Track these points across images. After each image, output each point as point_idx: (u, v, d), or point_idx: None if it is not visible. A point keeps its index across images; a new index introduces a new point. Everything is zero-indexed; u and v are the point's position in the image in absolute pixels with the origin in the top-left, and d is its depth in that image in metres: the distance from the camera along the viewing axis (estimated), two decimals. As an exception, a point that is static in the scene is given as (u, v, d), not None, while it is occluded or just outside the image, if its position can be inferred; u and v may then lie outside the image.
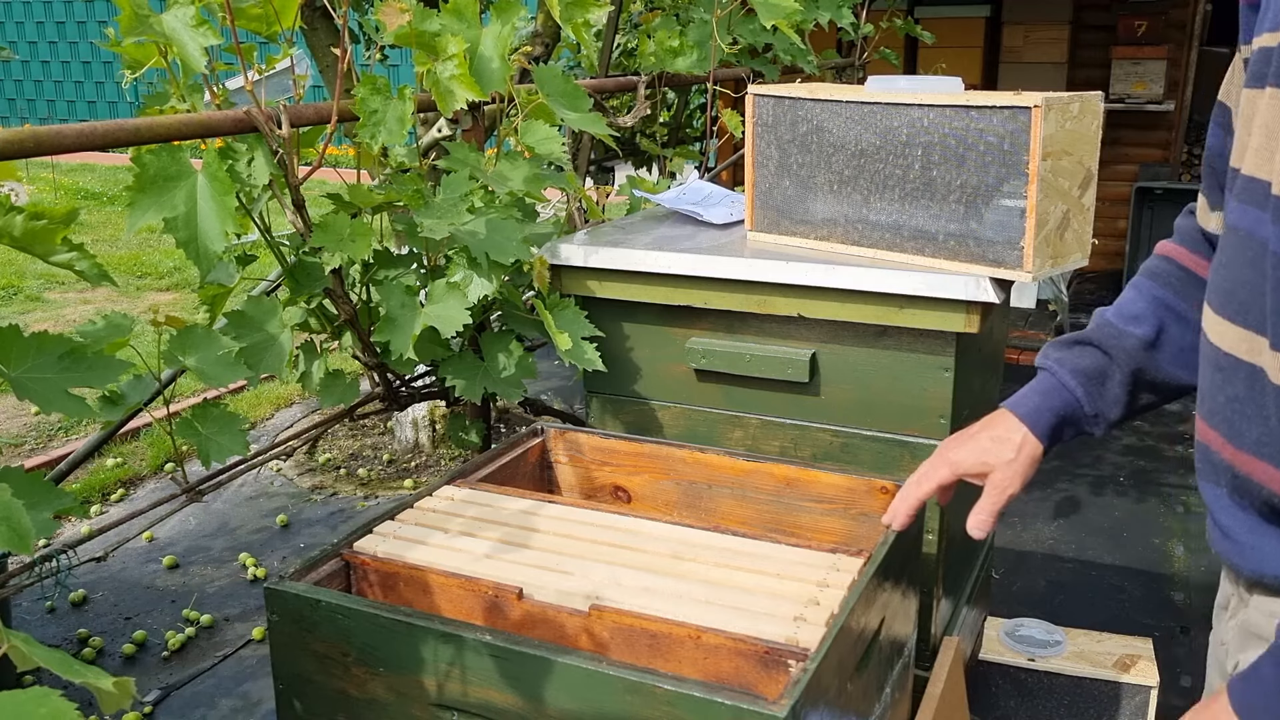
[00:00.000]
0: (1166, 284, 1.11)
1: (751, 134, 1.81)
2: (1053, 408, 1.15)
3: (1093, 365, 1.13)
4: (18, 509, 0.79)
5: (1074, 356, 1.15)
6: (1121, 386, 1.12)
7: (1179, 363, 1.11)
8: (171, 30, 1.48)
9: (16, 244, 1.21)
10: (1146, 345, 1.11)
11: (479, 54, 1.66)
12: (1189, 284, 1.10)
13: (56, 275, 5.82)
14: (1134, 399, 1.13)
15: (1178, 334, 1.11)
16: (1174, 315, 1.11)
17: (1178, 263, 1.12)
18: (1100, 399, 1.13)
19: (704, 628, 1.09)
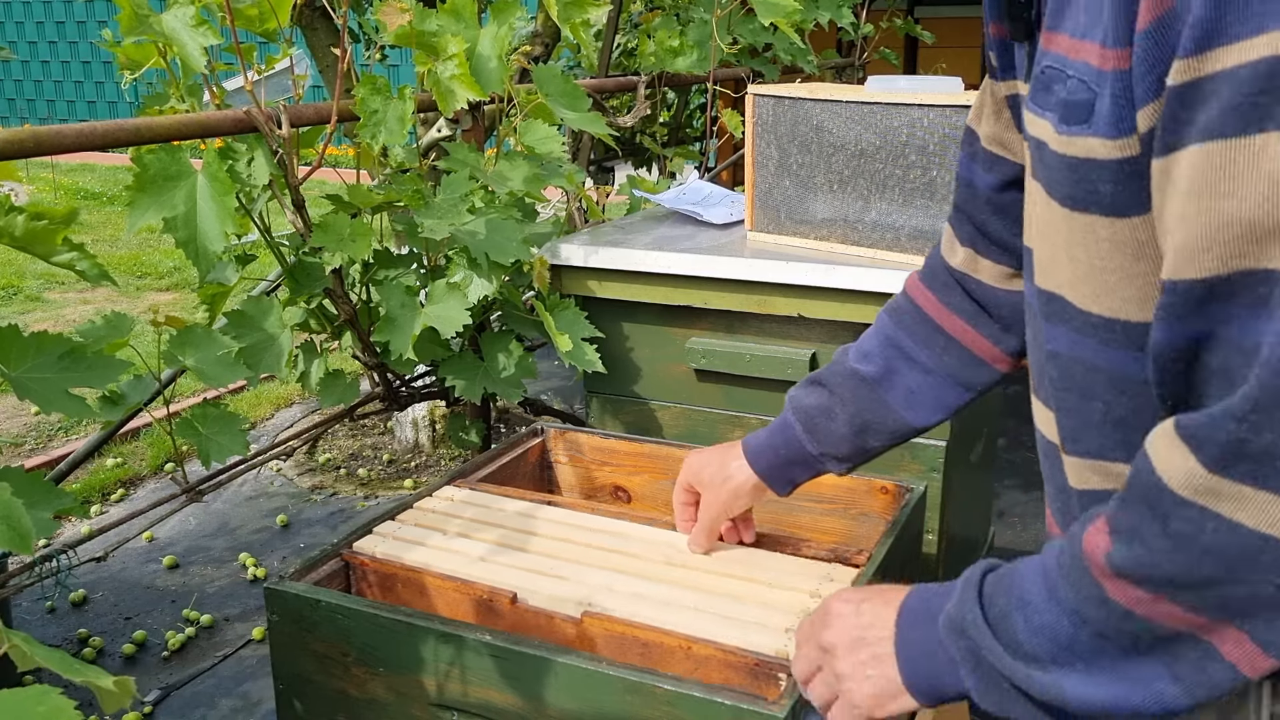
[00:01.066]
0: (900, 324, 1.10)
1: (751, 134, 1.81)
2: (774, 445, 1.17)
3: (817, 404, 1.13)
4: (18, 509, 0.79)
5: (804, 395, 1.15)
6: (846, 426, 1.12)
7: (906, 404, 1.10)
8: (171, 30, 1.48)
9: (17, 244, 1.21)
10: (872, 385, 1.10)
11: (478, 54, 1.66)
12: (924, 326, 1.08)
13: (56, 275, 5.82)
14: (860, 439, 1.12)
15: (906, 376, 1.09)
16: (903, 357, 1.09)
17: (915, 303, 1.10)
18: (824, 439, 1.13)
19: (694, 638, 1.08)
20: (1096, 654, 0.70)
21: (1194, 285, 0.63)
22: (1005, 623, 0.75)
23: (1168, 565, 0.65)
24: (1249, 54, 0.58)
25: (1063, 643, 0.71)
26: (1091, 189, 0.72)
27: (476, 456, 1.63)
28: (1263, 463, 0.60)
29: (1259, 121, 0.58)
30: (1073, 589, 0.71)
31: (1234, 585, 0.63)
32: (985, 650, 0.75)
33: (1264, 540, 0.61)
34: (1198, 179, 0.62)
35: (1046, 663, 0.72)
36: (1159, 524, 0.65)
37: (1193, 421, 0.64)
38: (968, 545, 1.92)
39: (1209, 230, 0.62)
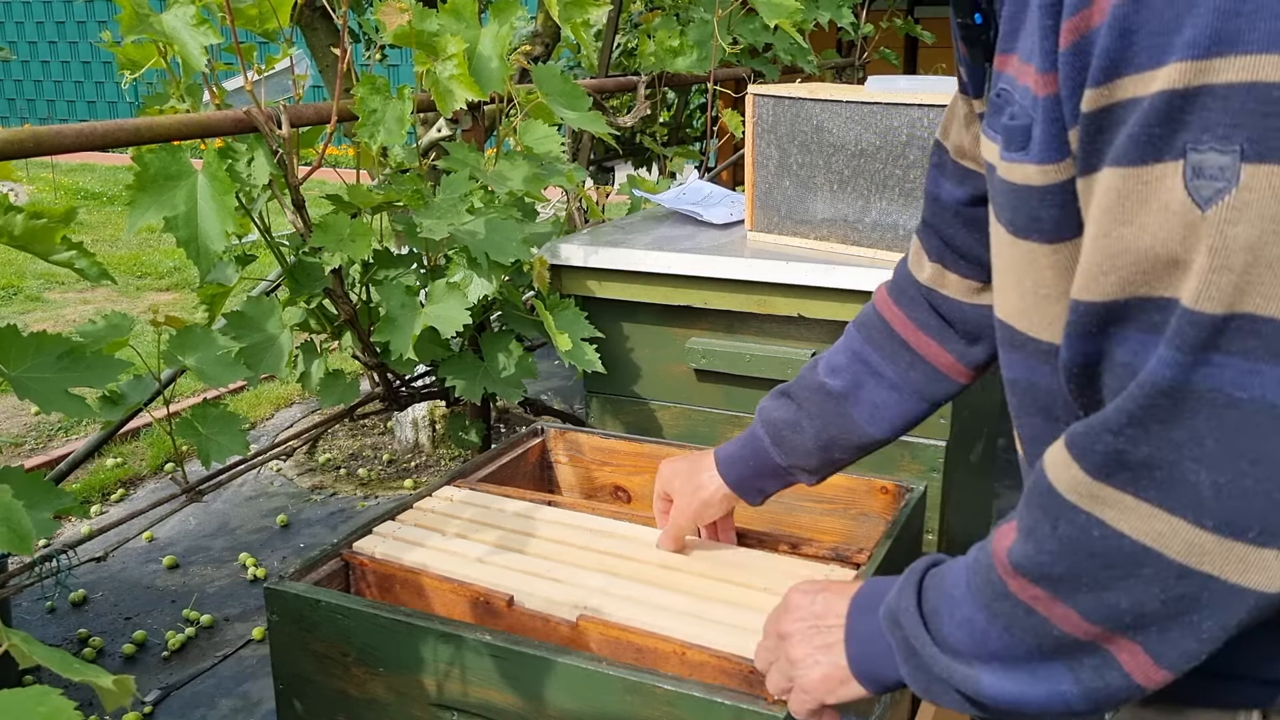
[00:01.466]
0: (868, 339, 1.10)
1: (751, 134, 1.81)
2: (744, 457, 1.18)
3: (785, 417, 1.14)
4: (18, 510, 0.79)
5: (772, 407, 1.16)
6: (813, 440, 1.13)
7: (870, 420, 1.11)
8: (172, 29, 1.48)
9: (16, 243, 1.21)
10: (838, 400, 1.11)
11: (478, 54, 1.66)
12: (891, 342, 1.09)
13: (56, 275, 5.82)
14: (827, 453, 1.13)
15: (872, 391, 1.10)
16: (870, 372, 1.10)
17: (883, 318, 1.10)
18: (792, 452, 1.14)
19: (689, 644, 1.08)
20: (1007, 650, 0.71)
21: (1094, 306, 0.65)
22: (935, 616, 0.77)
23: (1057, 566, 0.67)
24: (1150, 85, 0.59)
25: (978, 637, 0.73)
26: (1033, 216, 0.72)
27: (476, 456, 1.63)
28: (1141, 474, 0.62)
29: (1156, 152, 0.59)
30: (985, 584, 0.73)
31: (1119, 594, 0.64)
32: (914, 640, 0.77)
33: (1144, 551, 0.62)
34: (1103, 204, 0.63)
35: (967, 656, 0.74)
36: (1050, 525, 0.67)
37: (1075, 432, 0.66)
38: (968, 545, 1.92)
39: (1109, 255, 0.63)
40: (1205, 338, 0.58)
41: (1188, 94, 0.57)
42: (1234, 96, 0.56)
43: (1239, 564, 0.61)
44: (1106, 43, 0.61)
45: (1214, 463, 0.59)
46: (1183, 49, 0.57)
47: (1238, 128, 0.56)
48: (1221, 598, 0.61)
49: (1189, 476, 0.60)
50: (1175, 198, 0.59)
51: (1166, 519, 0.61)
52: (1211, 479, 0.60)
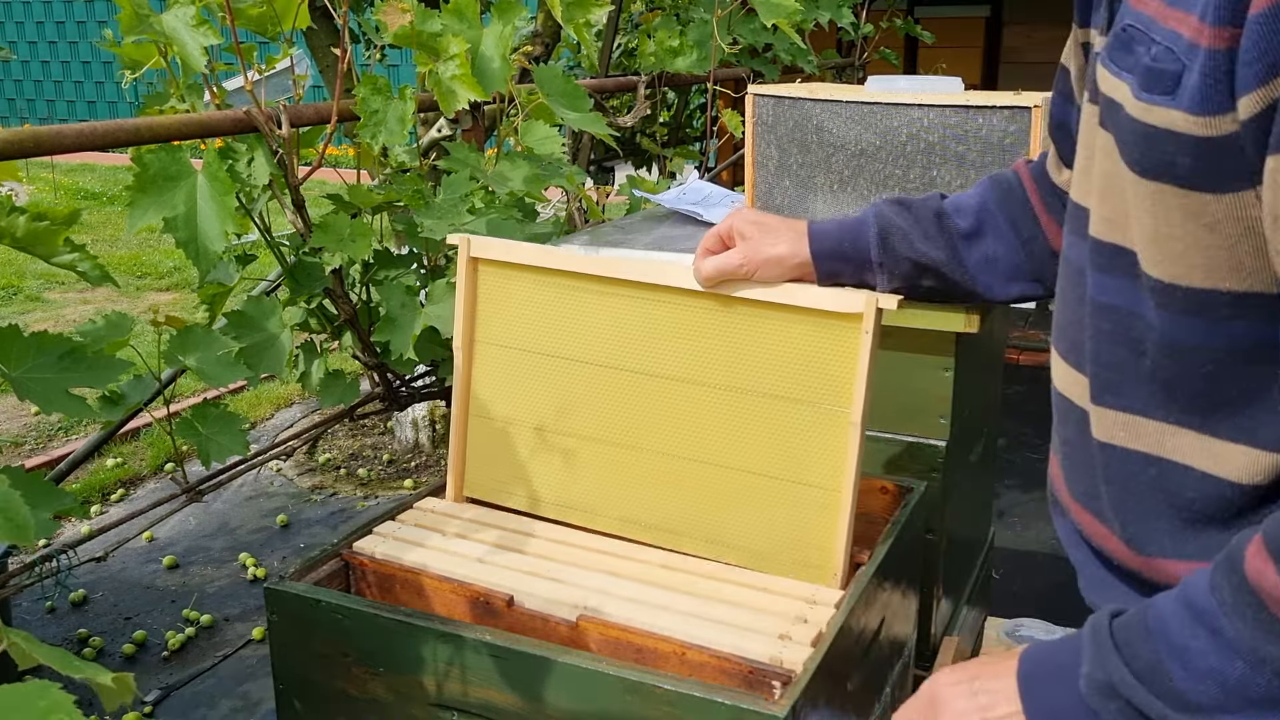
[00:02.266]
0: (1003, 197, 1.11)
1: (751, 134, 1.81)
2: (840, 235, 1.15)
3: (900, 224, 1.13)
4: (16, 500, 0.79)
5: (891, 211, 1.15)
6: (915, 255, 1.13)
7: (980, 267, 1.12)
8: (172, 30, 1.48)
9: (18, 245, 1.21)
10: (957, 237, 1.12)
11: (480, 54, 1.66)
12: (1023, 209, 1.10)
13: (56, 275, 5.82)
14: (920, 274, 1.14)
15: (991, 243, 1.11)
16: (994, 225, 1.11)
17: (1022, 186, 1.11)
18: (890, 254, 1.13)
19: (689, 644, 1.08)
20: (1270, 695, 0.65)
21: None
22: (1157, 673, 0.70)
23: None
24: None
25: (1232, 687, 0.66)
26: (1168, 159, 0.70)
27: (476, 456, 1.63)
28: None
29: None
30: (1244, 624, 0.66)
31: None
32: (1143, 707, 0.70)
33: None
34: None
35: (1214, 710, 0.67)
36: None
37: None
38: (968, 545, 1.92)
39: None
40: None
41: None
42: None
43: None
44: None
45: None
46: None
47: None
48: None
49: None
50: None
51: None
52: None
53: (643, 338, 1.24)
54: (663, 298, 1.22)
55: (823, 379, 1.16)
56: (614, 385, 1.26)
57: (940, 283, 1.13)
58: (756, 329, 1.18)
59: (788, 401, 1.18)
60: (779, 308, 1.16)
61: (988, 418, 2.00)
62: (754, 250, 1.15)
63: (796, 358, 1.17)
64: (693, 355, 1.22)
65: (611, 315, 1.25)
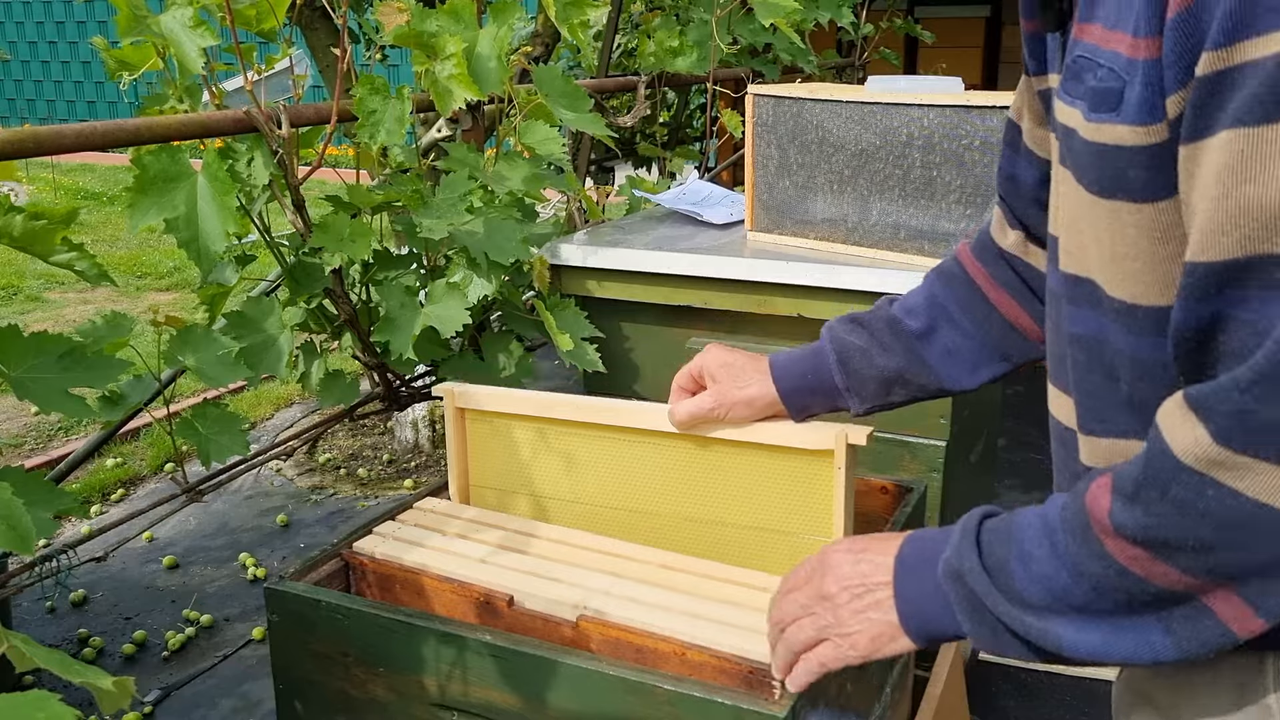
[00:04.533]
0: (949, 285, 1.12)
1: (751, 134, 1.81)
2: (804, 371, 1.16)
3: (856, 342, 1.14)
4: (18, 508, 0.79)
5: (844, 331, 1.15)
6: (879, 371, 1.13)
7: (942, 363, 1.12)
8: (170, 31, 1.48)
9: (16, 244, 1.21)
10: (913, 338, 1.12)
11: (476, 54, 1.66)
12: (970, 292, 1.10)
13: (56, 275, 5.82)
14: (887, 388, 1.14)
15: (947, 335, 1.11)
16: (947, 317, 1.11)
17: (964, 267, 1.12)
18: (854, 376, 1.14)
19: (689, 644, 1.08)
20: (1090, 605, 0.72)
21: (1214, 267, 0.66)
22: (1003, 571, 0.77)
23: (1165, 529, 0.68)
24: (1275, 46, 0.60)
25: (1058, 591, 0.74)
26: (1120, 175, 0.73)
27: (476, 456, 1.63)
28: (1265, 435, 0.63)
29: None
30: (1074, 543, 0.73)
31: (1228, 551, 0.65)
32: (981, 594, 0.78)
33: (1259, 508, 0.64)
34: (1222, 165, 0.64)
35: (1042, 609, 0.75)
36: (1159, 490, 0.68)
37: (1200, 392, 0.66)
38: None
39: (1230, 215, 0.64)
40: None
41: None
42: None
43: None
44: (1229, 7, 0.62)
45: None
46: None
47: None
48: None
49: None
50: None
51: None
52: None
53: (628, 477, 1.30)
54: (644, 439, 1.28)
55: (801, 511, 1.22)
56: (604, 521, 1.33)
57: (909, 389, 1.14)
58: (734, 466, 1.24)
59: (770, 533, 1.24)
60: (754, 446, 1.21)
61: (988, 418, 2.00)
62: (724, 394, 1.19)
63: (774, 492, 1.22)
64: (676, 492, 1.28)
65: (597, 457, 1.32)
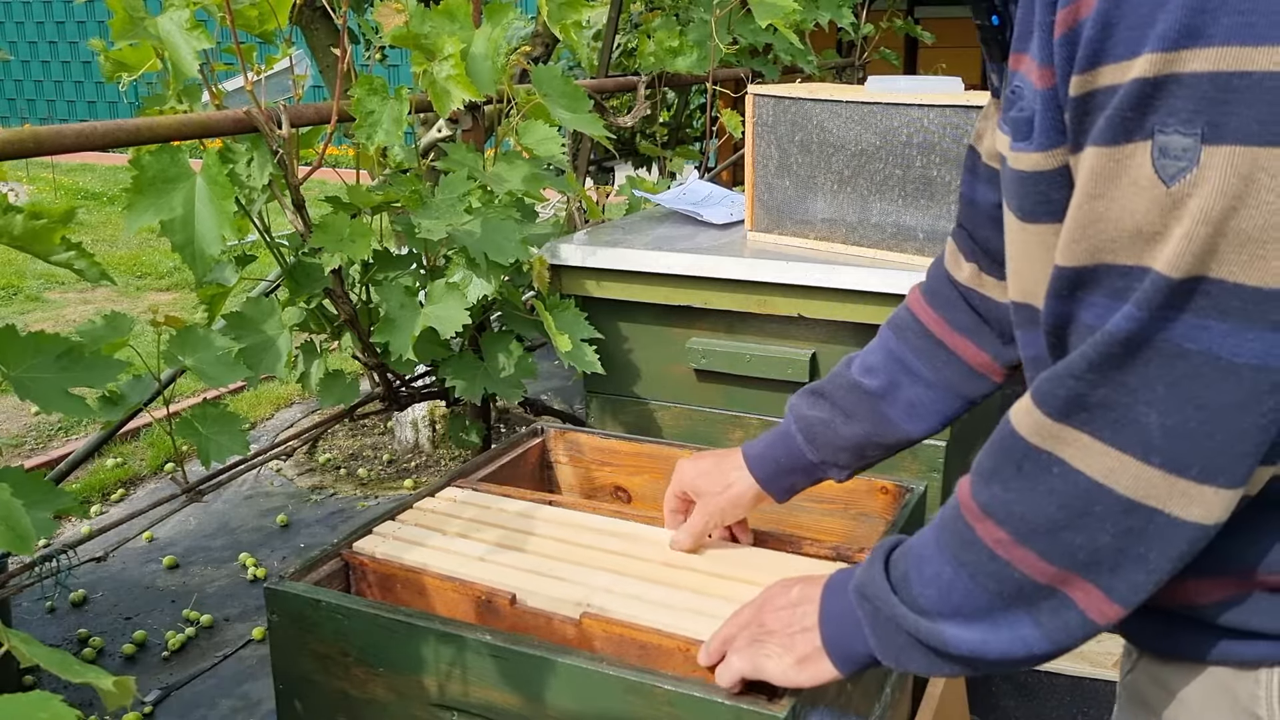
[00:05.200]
0: (903, 339, 1.13)
1: (751, 134, 1.81)
2: (776, 456, 1.18)
3: (819, 415, 1.15)
4: (18, 510, 0.79)
5: (805, 405, 1.17)
6: (847, 437, 1.14)
7: (906, 417, 1.13)
8: (166, 33, 1.48)
9: (15, 243, 1.21)
10: (875, 399, 1.13)
11: (472, 55, 1.66)
12: (926, 341, 1.11)
13: (56, 275, 5.82)
14: (860, 450, 1.15)
15: (908, 390, 1.12)
16: (906, 371, 1.12)
17: (916, 317, 1.13)
18: (825, 448, 1.15)
19: (693, 640, 1.08)
20: (970, 600, 0.77)
21: (1066, 271, 0.71)
22: (904, 582, 0.83)
23: (1020, 504, 0.73)
24: (1126, 74, 0.64)
25: (944, 589, 0.79)
26: (1041, 199, 0.77)
27: (476, 456, 1.63)
28: (1097, 414, 0.69)
29: (1128, 134, 0.65)
30: (954, 535, 0.79)
31: (1074, 531, 0.71)
32: (884, 607, 0.83)
33: (1097, 488, 0.69)
34: (1081, 179, 0.69)
35: (933, 614, 0.79)
36: (1014, 466, 0.74)
37: (1040, 379, 0.73)
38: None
39: (1082, 225, 0.69)
40: (1164, 297, 0.65)
41: (1157, 82, 0.63)
42: (1197, 84, 0.62)
43: (1181, 498, 0.67)
44: (1090, 34, 0.66)
45: (1163, 406, 0.66)
46: (1154, 41, 0.63)
47: (1199, 113, 0.62)
48: (1165, 530, 0.68)
49: (1140, 418, 0.67)
50: (1144, 174, 0.65)
51: (1118, 456, 0.68)
52: (1160, 421, 0.66)
53: None
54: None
55: None
56: None
57: (881, 449, 1.15)
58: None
59: None
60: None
61: (988, 418, 2.00)
62: (710, 505, 1.22)
63: None
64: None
65: None
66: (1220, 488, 0.66)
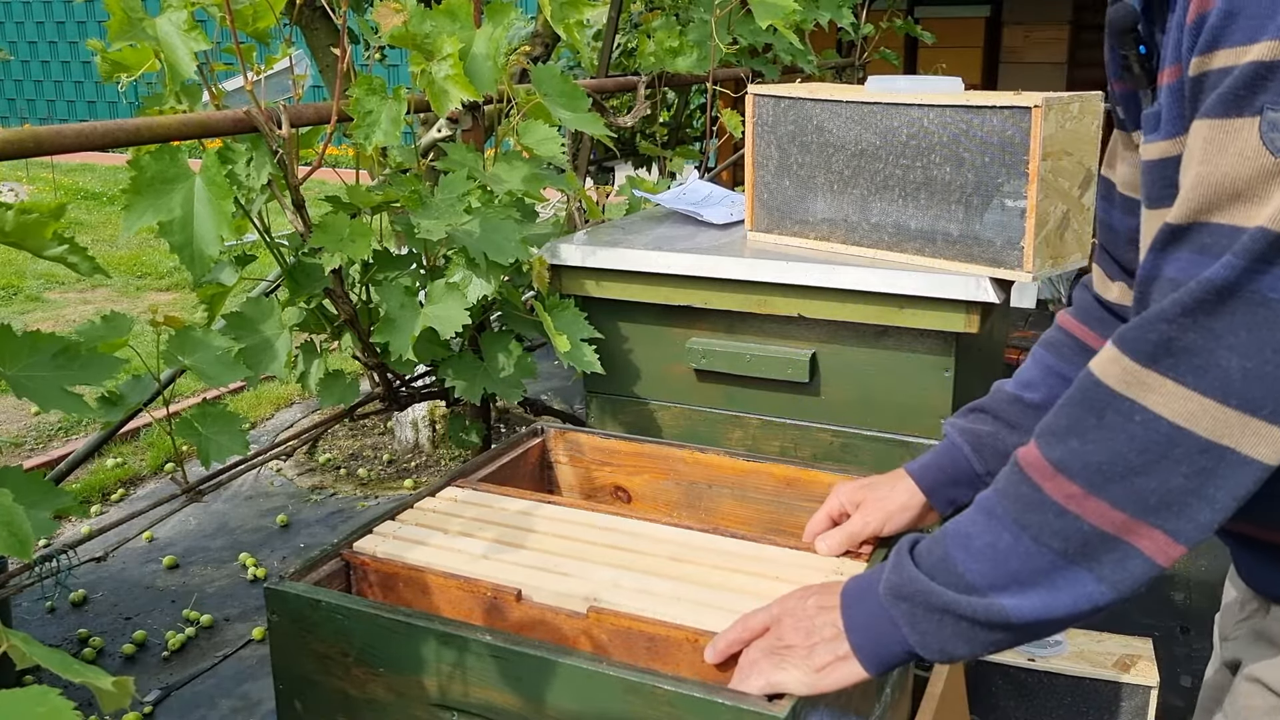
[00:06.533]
0: (1059, 354, 1.18)
1: (751, 134, 1.81)
2: (941, 466, 1.22)
3: (984, 429, 1.20)
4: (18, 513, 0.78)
5: (968, 422, 1.21)
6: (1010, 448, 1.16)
7: None
8: (163, 35, 1.48)
9: (7, 240, 1.21)
10: (1038, 410, 1.16)
11: (472, 54, 1.66)
12: (1080, 353, 1.16)
13: (56, 275, 5.82)
14: None
15: None
16: (1064, 382, 1.16)
17: (1070, 333, 1.18)
18: (991, 459, 1.19)
19: (701, 630, 1.08)
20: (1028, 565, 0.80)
21: (1168, 226, 0.78)
22: (943, 565, 0.85)
23: (1100, 453, 0.77)
24: (1244, 57, 0.73)
25: (999, 558, 0.81)
26: (1168, 183, 0.83)
27: (476, 456, 1.63)
28: (1182, 359, 0.74)
29: (1239, 109, 0.73)
30: (1011, 501, 0.82)
31: (1150, 477, 0.75)
32: (926, 595, 0.85)
33: (1178, 431, 0.74)
34: (1192, 148, 0.77)
35: (985, 589, 0.82)
36: (1096, 417, 0.78)
37: (1126, 328, 0.78)
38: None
39: (1188, 187, 0.76)
40: (1263, 249, 0.71)
41: (1272, 65, 0.72)
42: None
43: (1253, 437, 0.73)
44: (1214, 21, 0.74)
45: (1244, 350, 0.72)
46: (1274, 30, 0.71)
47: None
48: (1235, 469, 0.74)
49: (1221, 362, 0.73)
50: (1251, 145, 0.73)
51: (1200, 400, 0.74)
52: (1240, 364, 0.72)
53: None
54: None
55: None
56: None
57: None
58: None
59: None
60: None
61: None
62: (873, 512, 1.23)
63: None
64: None
65: None
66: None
